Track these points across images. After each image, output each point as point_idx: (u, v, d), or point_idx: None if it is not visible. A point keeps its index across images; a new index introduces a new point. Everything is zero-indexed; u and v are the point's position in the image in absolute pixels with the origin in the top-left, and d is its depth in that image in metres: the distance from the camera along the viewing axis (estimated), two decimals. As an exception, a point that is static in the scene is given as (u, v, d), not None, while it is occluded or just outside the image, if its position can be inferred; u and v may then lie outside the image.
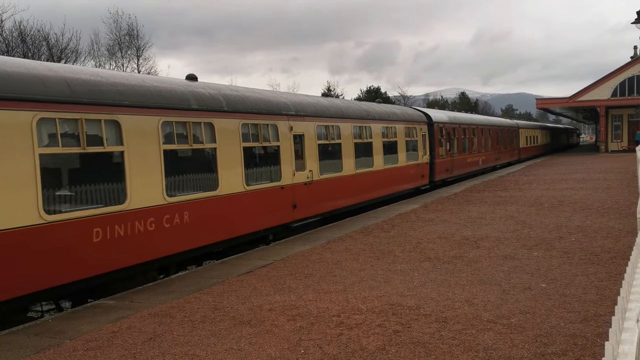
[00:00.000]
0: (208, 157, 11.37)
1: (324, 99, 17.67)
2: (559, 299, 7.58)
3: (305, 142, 14.66)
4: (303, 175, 14.42)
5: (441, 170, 25.50)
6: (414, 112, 24.10)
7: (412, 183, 22.22)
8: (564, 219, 14.27)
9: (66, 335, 7.03)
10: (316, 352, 6.05)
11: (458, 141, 28.12)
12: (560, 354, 5.72)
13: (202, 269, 10.65)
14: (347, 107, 17.73)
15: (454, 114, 31.58)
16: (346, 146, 16.89)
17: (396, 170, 20.57)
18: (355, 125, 17.63)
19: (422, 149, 23.32)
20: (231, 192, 11.71)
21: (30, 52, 36.90)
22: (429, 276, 9.11)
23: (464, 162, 29.18)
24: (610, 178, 25.66)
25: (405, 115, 22.51)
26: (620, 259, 9.61)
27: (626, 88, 50.66)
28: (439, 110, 35.37)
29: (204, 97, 11.30)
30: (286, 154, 13.75)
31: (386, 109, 20.93)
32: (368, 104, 20.27)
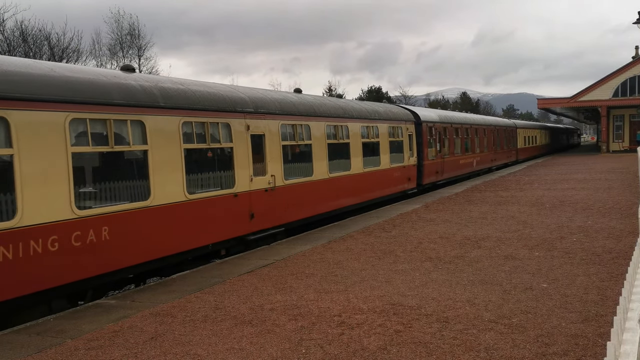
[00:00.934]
0: (136, 161, 9.77)
1: (293, 94, 15.88)
2: (560, 299, 7.58)
3: (267, 143, 12.97)
4: (263, 180, 12.77)
5: (430, 172, 24.15)
6: (399, 111, 22.39)
7: (397, 187, 20.71)
8: (565, 219, 14.27)
9: (68, 335, 7.03)
10: (317, 352, 6.05)
11: (450, 142, 26.70)
12: (562, 354, 5.72)
13: (203, 268, 10.65)
14: (320, 105, 16.08)
15: (445, 112, 30.12)
16: (318, 147, 15.29)
17: (378, 173, 19.05)
18: (330, 124, 16.07)
19: (409, 150, 21.83)
20: (168, 202, 10.06)
21: (32, 51, 36.94)
22: (430, 276, 9.11)
23: (456, 163, 27.68)
24: (611, 178, 25.64)
25: (389, 113, 20.83)
26: (621, 259, 9.61)
27: (627, 88, 50.62)
28: (428, 108, 33.19)
29: (133, 90, 9.65)
30: (241, 157, 12.06)
31: (367, 107, 19.39)
32: (346, 102, 18.83)
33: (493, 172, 33.82)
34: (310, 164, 15.01)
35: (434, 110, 30.65)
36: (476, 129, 31.86)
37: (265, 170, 12.90)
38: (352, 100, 19.84)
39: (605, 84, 51.46)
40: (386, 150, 19.68)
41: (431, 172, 24.21)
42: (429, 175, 23.97)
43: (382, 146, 19.41)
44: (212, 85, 12.41)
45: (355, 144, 17.52)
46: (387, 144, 19.77)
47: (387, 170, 19.79)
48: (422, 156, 23.13)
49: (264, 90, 14.50)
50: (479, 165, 32.24)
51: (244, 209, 12.14)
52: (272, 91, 15.11)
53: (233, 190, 11.83)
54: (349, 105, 18.12)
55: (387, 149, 19.75)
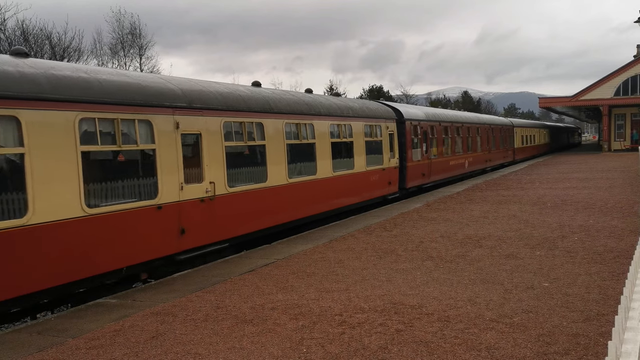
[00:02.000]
0: (11, 168, 7.86)
1: (245, 87, 13.79)
2: (561, 298, 7.57)
3: (205, 144, 11.03)
4: (199, 188, 10.83)
5: (415, 175, 22.17)
6: (378, 107, 20.18)
7: (374, 191, 18.68)
8: (566, 218, 14.25)
9: (69, 334, 7.04)
10: (318, 351, 6.05)
11: (438, 141, 24.95)
12: (563, 354, 5.71)
13: (205, 267, 10.65)
14: (278, 100, 13.98)
15: (433, 110, 28.24)
16: (274, 149, 13.23)
17: (351, 177, 16.99)
18: (291, 122, 14.05)
19: (389, 150, 19.78)
20: (58, 219, 8.14)
21: (33, 51, 36.96)
22: (432, 275, 9.10)
23: (444, 165, 25.86)
24: (613, 177, 25.61)
25: (365, 110, 18.69)
26: (623, 258, 9.59)
27: (629, 87, 50.56)
28: (413, 105, 30.20)
29: (4, 77, 7.75)
30: (167, 161, 10.08)
31: (338, 103, 17.30)
32: (313, 97, 16.40)
33: (488, 174, 32.29)
34: (264, 167, 12.93)
35: (419, 107, 28.51)
36: (468, 128, 30.01)
37: (201, 176, 10.95)
38: (322, 95, 17.70)
39: (607, 82, 51.40)
40: (361, 152, 17.70)
41: (416, 175, 22.37)
42: (413, 178, 22.07)
43: (356, 147, 17.42)
44: (131, 74, 10.54)
45: (323, 144, 15.47)
46: (362, 145, 17.79)
47: (363, 173, 17.78)
48: (406, 157, 21.25)
49: (206, 83, 12.34)
50: (471, 167, 30.46)
51: (171, 224, 10.13)
52: (218, 83, 12.89)
53: (155, 202, 9.85)
54: (315, 101, 15.94)
55: (362, 150, 17.76)
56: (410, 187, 21.85)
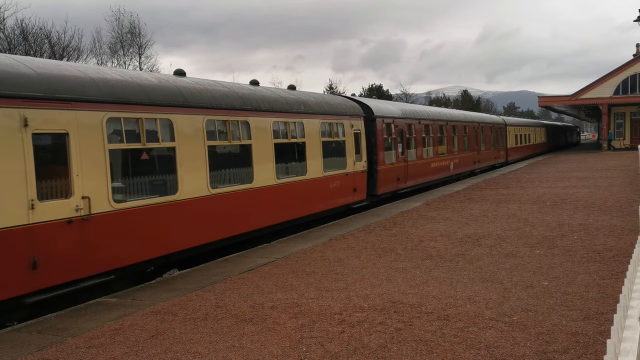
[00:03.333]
0: None
1: (153, 75, 11.31)
2: (560, 297, 7.58)
3: (74, 146, 8.46)
4: (64, 206, 8.27)
5: (388, 179, 19.58)
6: (342, 103, 17.42)
7: (334, 200, 16.11)
8: (566, 217, 14.26)
9: (68, 333, 7.04)
10: (318, 350, 6.06)
11: (417, 141, 22.42)
12: (562, 352, 5.72)
13: (205, 266, 10.65)
14: (197, 91, 11.21)
15: (411, 106, 25.52)
16: (188, 152, 10.58)
17: (303, 185, 14.40)
18: (214, 119, 11.35)
19: (355, 152, 17.21)
20: None
21: (32, 50, 36.94)
22: (431, 274, 9.11)
23: (425, 167, 23.38)
24: (612, 176, 25.62)
25: (324, 106, 15.98)
26: (622, 257, 9.60)
27: (629, 86, 50.59)
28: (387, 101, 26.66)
29: None
30: (6, 171, 7.55)
31: (287, 96, 14.57)
32: (251, 89, 13.50)
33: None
34: (174, 176, 10.30)
35: (395, 103, 25.34)
36: (454, 126, 27.52)
37: (69, 189, 8.40)
38: (267, 87, 14.88)
39: (607, 81, 51.43)
40: (317, 154, 15.08)
41: (389, 179, 19.69)
42: (386, 183, 19.45)
43: (310, 148, 14.77)
44: None
45: (263, 146, 12.81)
46: (318, 146, 15.15)
47: (319, 180, 15.16)
48: (376, 160, 18.59)
49: (67, 65, 9.46)
50: (457, 169, 27.96)
51: (17, 255, 7.62)
52: (106, 68, 10.83)
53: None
54: (254, 94, 13.08)
55: (318, 152, 15.13)
56: (383, 193, 19.32)
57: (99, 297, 8.94)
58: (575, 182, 23.26)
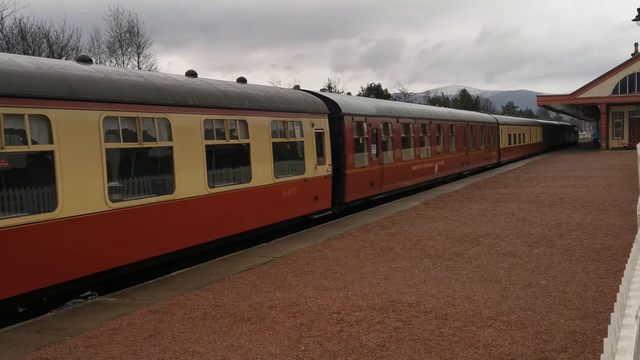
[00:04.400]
0: None
1: (26, 58, 8.69)
2: (559, 296, 7.59)
3: None
4: None
5: (359, 185, 17.44)
6: (300, 98, 15.02)
7: (289, 211, 13.87)
8: (564, 216, 14.28)
9: (67, 332, 7.04)
10: (316, 349, 6.06)
11: (394, 142, 20.36)
12: (560, 351, 5.73)
13: (203, 266, 10.65)
14: (93, 81, 9.00)
15: (388, 103, 22.96)
16: (78, 157, 8.45)
17: (246, 194, 12.16)
18: (121, 115, 9.23)
19: (317, 155, 15.16)
20: None
21: (31, 49, 36.92)
22: (430, 273, 9.12)
23: (404, 171, 21.26)
24: (610, 175, 25.66)
25: (276, 101, 13.67)
26: (620, 256, 9.62)
27: (627, 85, 50.64)
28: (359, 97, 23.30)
29: None
30: None
31: (226, 89, 12.18)
32: (175, 79, 11.15)
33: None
34: (52, 188, 8.14)
35: (368, 99, 22.35)
36: (439, 125, 25.47)
37: None
38: (204, 79, 12.42)
39: (605, 81, 51.48)
40: (265, 157, 12.90)
41: (360, 185, 17.59)
42: (356, 189, 17.30)
43: (256, 151, 12.53)
44: None
45: (189, 148, 10.59)
46: (267, 148, 12.95)
47: (268, 188, 12.99)
48: (345, 163, 16.51)
49: None
50: (443, 171, 26.06)
51: None
52: None
53: None
54: (182, 86, 10.87)
55: (267, 155, 12.95)
56: (353, 200, 17.23)
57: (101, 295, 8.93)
58: (574, 182, 23.28)
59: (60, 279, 8.29)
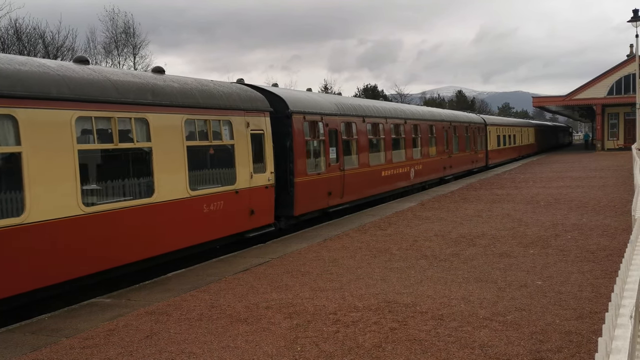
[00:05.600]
0: None
1: None
2: (554, 296, 7.61)
3: None
4: None
5: (312, 195, 14.99)
6: (231, 92, 12.43)
7: (213, 230, 11.45)
8: (560, 217, 14.31)
9: (63, 333, 7.03)
10: (312, 350, 6.06)
11: (359, 144, 17.91)
12: (556, 351, 5.75)
13: (200, 267, 10.64)
14: None
15: (353, 100, 20.12)
16: None
17: (146, 211, 9.75)
18: None
19: (253, 161, 12.61)
20: None
21: (26, 50, 36.83)
22: (426, 274, 9.13)
23: (371, 177, 18.69)
24: (606, 176, 25.73)
25: (195, 95, 11.18)
26: (615, 257, 9.65)
27: (622, 86, 50.81)
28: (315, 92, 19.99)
29: None
30: None
31: (118, 79, 9.77)
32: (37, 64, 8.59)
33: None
34: None
35: (327, 95, 19.84)
36: (415, 126, 23.04)
37: None
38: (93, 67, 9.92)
39: (600, 82, 51.66)
40: (176, 165, 10.42)
41: (315, 195, 15.12)
42: (309, 200, 14.85)
43: (160, 157, 10.05)
44: None
45: (50, 155, 8.21)
46: (179, 153, 10.49)
47: (180, 203, 10.48)
48: (293, 169, 14.16)
49: None
50: (421, 177, 23.62)
51: None
52: None
53: None
54: (44, 73, 8.43)
55: (179, 162, 10.47)
56: (304, 213, 14.84)
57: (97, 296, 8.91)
58: (569, 182, 23.34)
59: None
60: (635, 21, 35.92)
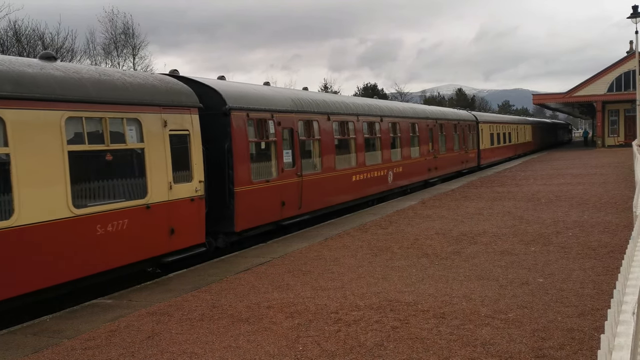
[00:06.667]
0: None
1: None
2: (556, 293, 7.60)
3: None
4: None
5: (260, 206, 12.67)
6: (142, 82, 10.23)
7: (115, 256, 9.14)
8: (561, 214, 14.30)
9: (64, 335, 7.03)
10: (314, 349, 6.06)
11: (323, 146, 15.60)
12: (558, 348, 5.74)
13: (201, 267, 10.64)
14: None
15: (315, 95, 17.24)
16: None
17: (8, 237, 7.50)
18: None
19: (174, 169, 10.31)
20: None
21: (26, 51, 36.82)
22: (427, 272, 9.12)
23: (338, 183, 16.38)
24: (606, 173, 25.72)
25: (84, 85, 8.89)
26: (617, 253, 9.64)
27: (622, 83, 50.76)
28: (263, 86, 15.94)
29: None
30: None
31: None
32: None
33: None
34: None
35: (281, 88, 16.72)
36: (394, 124, 20.79)
37: None
38: None
39: (600, 79, 51.62)
40: (51, 176, 8.18)
41: (263, 206, 12.82)
42: (254, 213, 12.51)
43: (25, 167, 7.81)
44: None
45: None
46: (56, 160, 8.22)
47: (58, 225, 8.22)
48: (233, 177, 11.77)
49: None
50: (401, 180, 21.27)
51: None
52: None
53: None
54: None
55: (56, 173, 8.23)
56: (248, 229, 12.44)
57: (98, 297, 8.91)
58: (570, 179, 23.33)
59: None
60: (634, 17, 35.90)
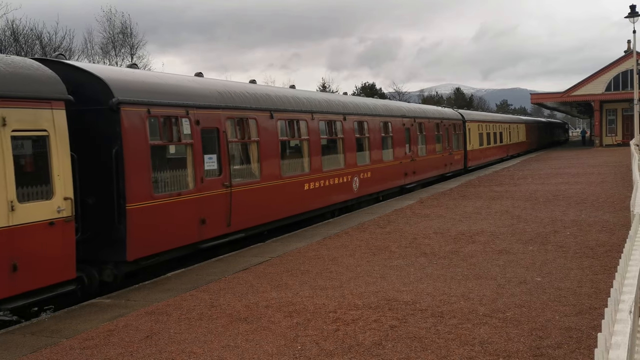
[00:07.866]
0: None
1: None
2: (554, 292, 7.62)
3: None
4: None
5: (165, 227, 10.07)
6: None
7: None
8: (558, 213, 14.33)
9: (63, 334, 7.03)
10: (313, 348, 6.07)
11: (262, 149, 12.97)
12: (556, 347, 5.76)
13: (199, 266, 10.64)
14: None
15: (255, 87, 14.22)
16: None
17: None
18: None
19: (18, 183, 7.62)
20: None
21: (24, 51, 36.77)
22: (425, 271, 9.14)
23: (285, 193, 13.81)
24: (604, 172, 25.76)
25: None
26: (614, 252, 9.66)
27: (620, 82, 50.85)
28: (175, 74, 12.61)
29: None
30: None
31: None
32: None
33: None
34: None
35: (205, 79, 12.84)
36: (360, 123, 18.18)
37: None
38: None
39: (598, 78, 51.70)
40: None
41: (171, 227, 10.21)
42: (158, 236, 9.95)
43: None
44: None
45: None
46: None
47: None
48: (125, 191, 9.25)
49: None
50: (369, 187, 18.57)
51: None
52: None
53: None
54: None
55: None
56: (149, 255, 9.86)
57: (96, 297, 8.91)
58: (568, 179, 23.36)
59: None
60: (632, 17, 35.95)
